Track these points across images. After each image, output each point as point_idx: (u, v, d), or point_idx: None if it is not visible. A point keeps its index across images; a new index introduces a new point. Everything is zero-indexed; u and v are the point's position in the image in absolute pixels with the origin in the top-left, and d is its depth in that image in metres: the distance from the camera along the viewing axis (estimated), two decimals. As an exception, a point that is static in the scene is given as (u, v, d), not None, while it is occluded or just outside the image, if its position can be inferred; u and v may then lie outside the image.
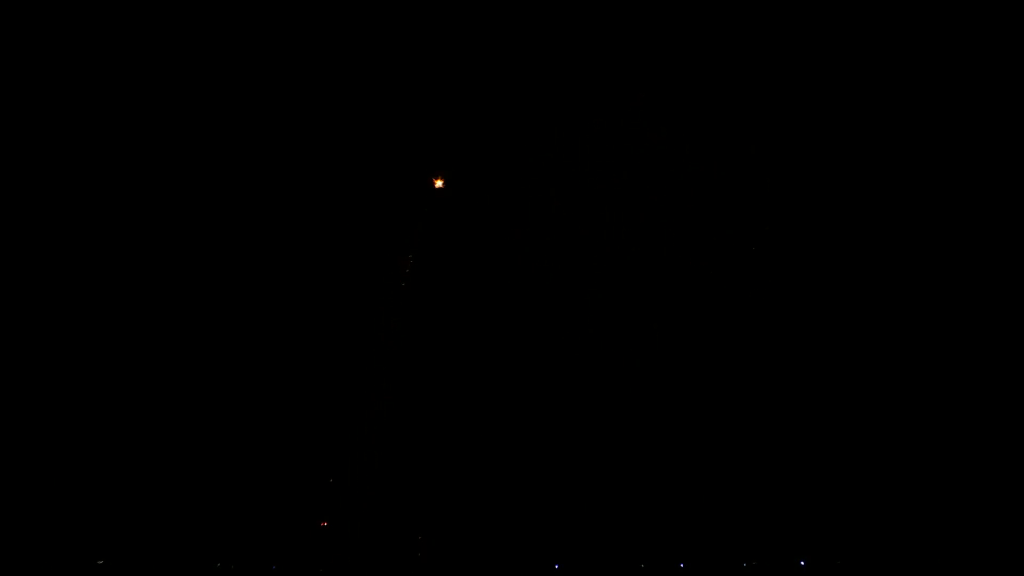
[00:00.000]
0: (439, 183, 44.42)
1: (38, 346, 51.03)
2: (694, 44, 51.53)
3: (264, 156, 56.47)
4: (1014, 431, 46.90)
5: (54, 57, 51.56)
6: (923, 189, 50.98)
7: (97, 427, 52.68)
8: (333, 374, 55.75)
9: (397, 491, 52.39)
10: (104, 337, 53.86)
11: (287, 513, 52.30)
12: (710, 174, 57.91)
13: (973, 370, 49.81)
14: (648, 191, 56.74)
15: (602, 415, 54.98)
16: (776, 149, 55.24)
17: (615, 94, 55.84)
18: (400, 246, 55.51)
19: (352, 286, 56.75)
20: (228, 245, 55.82)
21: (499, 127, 56.90)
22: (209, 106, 56.62)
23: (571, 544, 52.59)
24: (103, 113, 54.30)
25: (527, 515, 53.13)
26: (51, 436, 49.88)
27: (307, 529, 51.66)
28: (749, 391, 55.49)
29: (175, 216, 56.41)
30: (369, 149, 59.70)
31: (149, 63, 54.89)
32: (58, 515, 48.97)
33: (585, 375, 54.87)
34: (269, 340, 56.10)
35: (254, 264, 56.07)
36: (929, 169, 51.67)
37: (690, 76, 54.52)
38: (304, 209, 56.69)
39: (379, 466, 53.08)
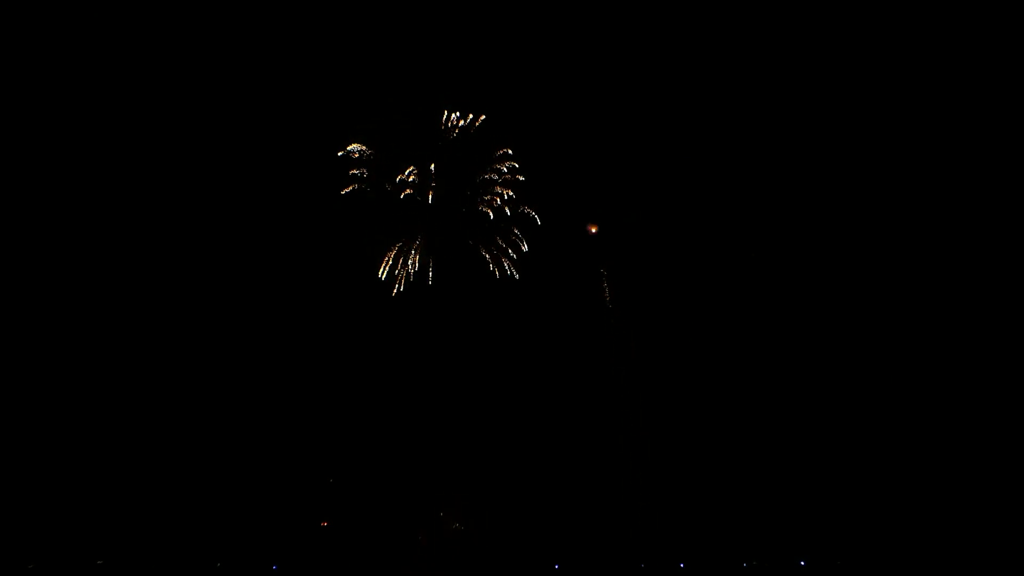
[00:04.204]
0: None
1: (38, 348, 49.63)
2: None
3: (264, 164, 54.77)
4: (1012, 432, 45.74)
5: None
6: (923, 190, 49.19)
7: (97, 428, 51.53)
8: (333, 377, 54.19)
9: (397, 491, 51.28)
10: (107, 340, 52.25)
11: (287, 513, 51.21)
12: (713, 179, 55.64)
13: (972, 371, 48.51)
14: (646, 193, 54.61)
15: (601, 417, 53.72)
16: (776, 153, 53.36)
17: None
18: (400, 254, 53.88)
19: (354, 291, 55.03)
20: (231, 251, 54.24)
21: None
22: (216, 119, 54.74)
23: (571, 544, 51.62)
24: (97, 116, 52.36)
25: (527, 515, 52.11)
26: (51, 436, 48.75)
27: (307, 529, 50.59)
28: (749, 394, 54.15)
29: (179, 221, 54.49)
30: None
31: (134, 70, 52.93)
32: (58, 515, 47.77)
33: (585, 377, 53.27)
34: (270, 344, 54.72)
35: (256, 269, 54.41)
36: (929, 170, 49.86)
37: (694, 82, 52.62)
38: (310, 217, 54.78)
39: (379, 466, 51.89)
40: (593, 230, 53.43)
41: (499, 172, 54.85)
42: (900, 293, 58.27)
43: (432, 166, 54.89)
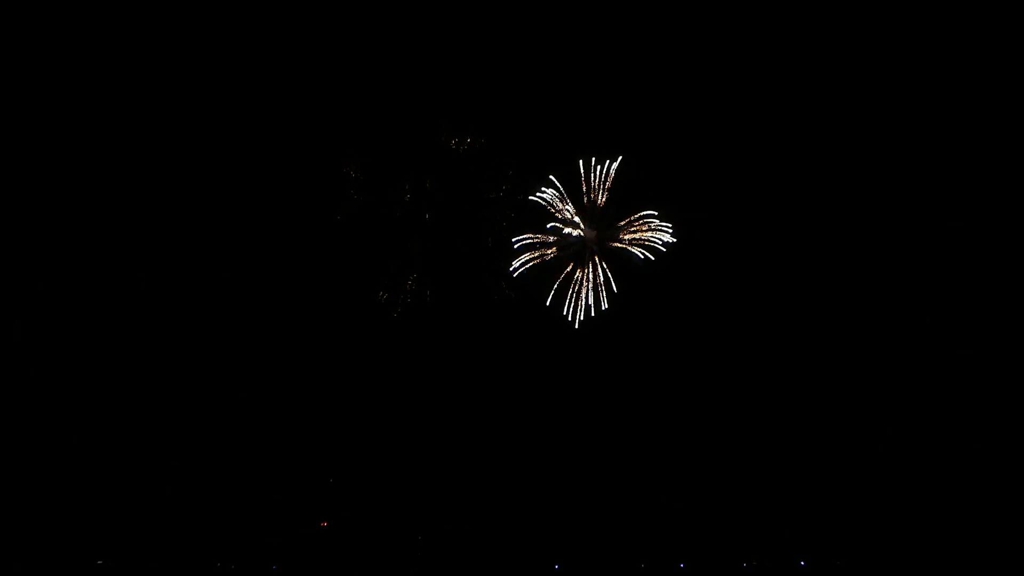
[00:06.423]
0: None
1: (39, 348, 49.77)
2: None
3: (269, 166, 54.89)
4: (1012, 432, 45.79)
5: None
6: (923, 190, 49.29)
7: (97, 428, 51.64)
8: (333, 377, 54.44)
9: (397, 491, 51.36)
10: (108, 340, 52.35)
11: (287, 513, 51.37)
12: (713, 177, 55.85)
13: (972, 371, 48.54)
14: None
15: (602, 417, 53.75)
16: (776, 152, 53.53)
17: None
18: (401, 255, 53.93)
19: (354, 292, 55.39)
20: (233, 252, 54.54)
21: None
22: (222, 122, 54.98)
23: (571, 544, 51.73)
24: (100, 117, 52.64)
25: (527, 515, 52.21)
26: (51, 436, 48.89)
27: (307, 529, 50.72)
28: (750, 393, 54.17)
29: (180, 223, 54.72)
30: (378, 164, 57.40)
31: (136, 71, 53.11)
32: (58, 515, 47.92)
33: (584, 377, 53.33)
34: (270, 344, 54.81)
35: (257, 269, 54.62)
36: (930, 170, 49.97)
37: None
38: (312, 219, 55.09)
39: (379, 466, 52.01)
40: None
41: (498, 193, 54.16)
42: (900, 293, 58.39)
43: (429, 186, 54.34)
